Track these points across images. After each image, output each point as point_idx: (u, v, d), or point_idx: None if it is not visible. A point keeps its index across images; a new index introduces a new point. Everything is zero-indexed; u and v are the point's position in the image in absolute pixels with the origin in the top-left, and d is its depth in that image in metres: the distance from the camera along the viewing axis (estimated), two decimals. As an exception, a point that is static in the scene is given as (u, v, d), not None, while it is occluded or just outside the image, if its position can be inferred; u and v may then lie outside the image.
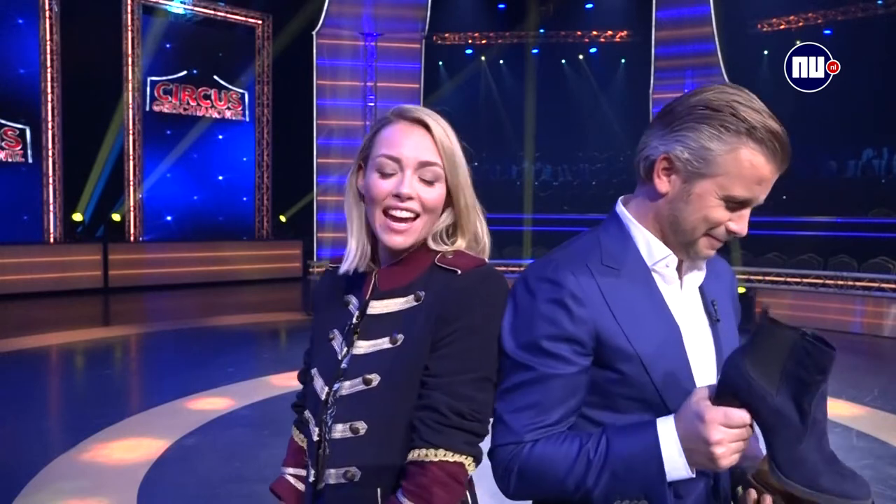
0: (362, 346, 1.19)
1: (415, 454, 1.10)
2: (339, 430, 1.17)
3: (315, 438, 1.20)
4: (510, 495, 1.13)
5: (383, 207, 1.18)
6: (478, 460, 1.13)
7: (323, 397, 1.20)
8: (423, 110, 1.21)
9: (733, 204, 1.06)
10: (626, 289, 1.11)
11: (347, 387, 1.17)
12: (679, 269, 1.17)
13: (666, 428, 1.03)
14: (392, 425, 1.13)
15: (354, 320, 1.23)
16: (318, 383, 1.23)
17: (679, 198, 1.09)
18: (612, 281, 1.11)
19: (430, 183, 1.18)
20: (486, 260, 1.23)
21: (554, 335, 1.08)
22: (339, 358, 1.21)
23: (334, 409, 1.18)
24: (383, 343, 1.17)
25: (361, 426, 1.15)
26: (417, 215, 1.18)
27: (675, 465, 1.01)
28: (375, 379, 1.15)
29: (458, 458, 1.09)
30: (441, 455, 1.08)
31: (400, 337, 1.15)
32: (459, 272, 1.16)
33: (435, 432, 1.09)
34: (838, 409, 5.56)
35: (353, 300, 1.26)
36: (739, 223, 1.07)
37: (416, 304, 1.17)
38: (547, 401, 1.09)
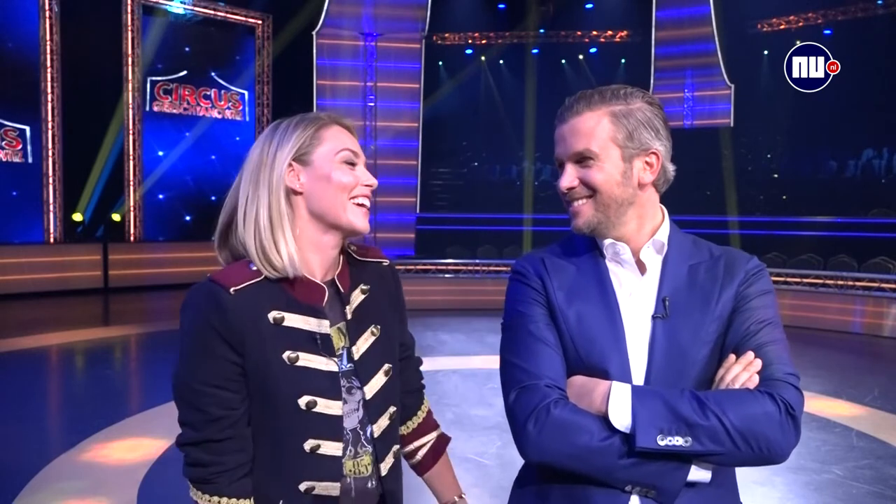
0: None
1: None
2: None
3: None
4: (533, 446, 1.11)
5: (353, 195, 1.24)
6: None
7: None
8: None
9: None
10: (572, 272, 1.25)
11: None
12: (640, 258, 1.23)
13: None
14: None
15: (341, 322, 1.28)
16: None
17: None
18: (562, 267, 1.26)
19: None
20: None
21: (524, 300, 1.24)
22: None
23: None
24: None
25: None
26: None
27: None
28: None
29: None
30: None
31: None
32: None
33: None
34: (838, 409, 5.53)
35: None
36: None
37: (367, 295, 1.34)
38: (531, 336, 1.20)
